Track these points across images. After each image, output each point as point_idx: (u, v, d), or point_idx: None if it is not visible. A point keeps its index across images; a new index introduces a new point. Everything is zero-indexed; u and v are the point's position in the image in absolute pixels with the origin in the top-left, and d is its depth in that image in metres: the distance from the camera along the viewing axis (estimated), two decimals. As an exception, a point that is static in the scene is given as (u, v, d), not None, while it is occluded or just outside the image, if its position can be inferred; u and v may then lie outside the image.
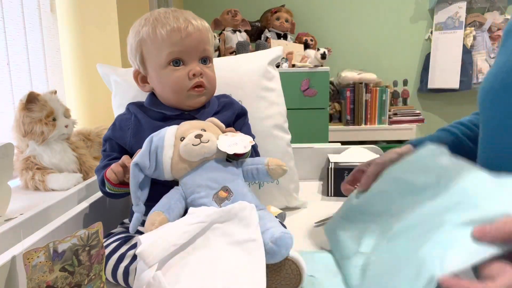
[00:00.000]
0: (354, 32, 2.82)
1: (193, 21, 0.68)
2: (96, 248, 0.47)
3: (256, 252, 0.49)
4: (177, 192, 0.59)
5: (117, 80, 0.87)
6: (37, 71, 1.36)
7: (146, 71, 0.72)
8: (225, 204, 0.56)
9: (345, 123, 2.65)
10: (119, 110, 0.83)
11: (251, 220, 0.52)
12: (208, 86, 0.71)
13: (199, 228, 0.51)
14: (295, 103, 2.12)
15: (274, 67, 0.92)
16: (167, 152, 0.59)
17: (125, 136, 0.70)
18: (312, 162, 1.16)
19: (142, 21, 0.69)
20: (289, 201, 0.91)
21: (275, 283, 0.53)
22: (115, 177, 0.64)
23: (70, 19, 1.56)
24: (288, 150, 0.91)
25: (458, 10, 2.67)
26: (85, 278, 0.46)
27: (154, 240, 0.49)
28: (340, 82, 2.67)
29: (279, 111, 0.90)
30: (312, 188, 1.09)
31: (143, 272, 0.48)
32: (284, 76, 1.10)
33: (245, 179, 0.62)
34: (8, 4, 1.21)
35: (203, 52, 0.70)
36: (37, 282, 0.41)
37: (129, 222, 0.65)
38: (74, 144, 1.05)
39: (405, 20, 2.80)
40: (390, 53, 2.82)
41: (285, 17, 2.37)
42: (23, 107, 0.95)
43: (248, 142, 0.62)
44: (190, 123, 0.63)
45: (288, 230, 0.53)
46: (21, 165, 0.99)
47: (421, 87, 2.83)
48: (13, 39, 1.23)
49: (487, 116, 0.65)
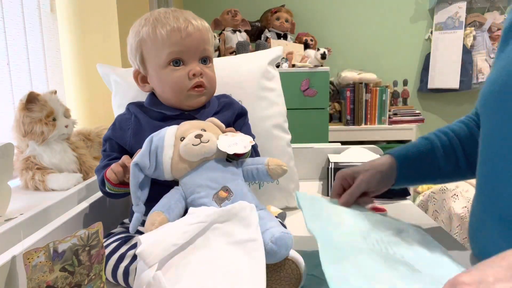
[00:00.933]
0: (354, 32, 2.82)
1: (193, 21, 0.68)
2: (96, 248, 0.47)
3: (256, 252, 0.49)
4: (177, 192, 0.59)
5: (117, 80, 0.87)
6: (37, 71, 1.36)
7: (146, 71, 0.72)
8: (225, 204, 0.56)
9: (345, 123, 2.65)
10: (119, 110, 0.83)
11: (251, 220, 0.52)
12: (208, 86, 0.71)
13: (199, 228, 0.51)
14: (295, 103, 2.12)
15: (274, 67, 0.92)
16: (167, 152, 0.59)
17: (125, 136, 0.70)
18: (312, 162, 1.16)
19: (142, 21, 0.69)
20: (289, 201, 0.91)
21: (275, 283, 0.53)
22: (115, 177, 0.64)
23: (70, 19, 1.56)
24: (288, 150, 0.91)
25: (458, 10, 2.67)
26: (85, 278, 0.46)
27: (154, 240, 0.49)
28: (340, 82, 2.67)
29: (279, 111, 0.90)
30: (312, 188, 1.09)
31: (143, 272, 0.48)
32: (284, 76, 1.10)
33: (245, 179, 0.62)
34: (8, 4, 1.21)
35: (203, 52, 0.70)
36: (37, 282, 0.41)
37: (129, 222, 0.65)
38: (74, 144, 1.05)
39: (405, 20, 2.80)
40: (390, 53, 2.82)
41: (285, 17, 2.37)
42: (23, 107, 0.95)
43: (248, 142, 0.62)
44: (190, 123, 0.63)
45: (288, 230, 0.53)
46: (21, 165, 0.98)
47: (421, 87, 2.83)
48: (13, 39, 1.23)
49: (488, 120, 0.65)
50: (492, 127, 0.63)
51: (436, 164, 0.74)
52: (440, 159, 0.74)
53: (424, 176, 0.76)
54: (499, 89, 0.60)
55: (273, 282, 0.53)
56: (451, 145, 0.74)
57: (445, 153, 0.74)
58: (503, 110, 0.59)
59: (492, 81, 0.63)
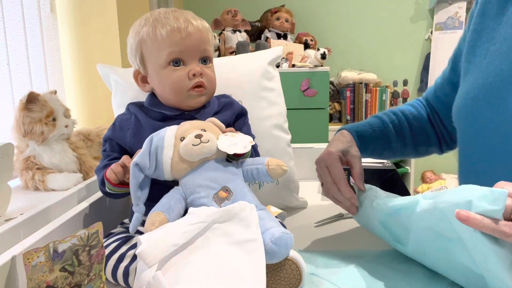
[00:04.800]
0: (354, 32, 2.82)
1: (193, 21, 0.68)
2: (96, 248, 0.47)
3: (256, 252, 0.49)
4: (177, 192, 0.59)
5: (117, 80, 0.87)
6: (37, 71, 1.36)
7: (146, 71, 0.72)
8: (225, 204, 0.56)
9: (345, 123, 2.65)
10: (119, 110, 0.83)
11: (251, 220, 0.52)
12: (208, 86, 0.71)
13: (199, 228, 0.51)
14: (295, 103, 2.12)
15: (274, 67, 0.92)
16: (167, 152, 0.59)
17: (125, 136, 0.70)
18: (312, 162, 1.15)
19: (142, 21, 0.69)
20: (289, 201, 0.91)
21: (275, 283, 0.53)
22: (115, 177, 0.64)
23: (70, 19, 1.56)
24: (288, 150, 0.91)
25: (458, 10, 2.67)
26: (85, 278, 0.46)
27: (154, 240, 0.49)
28: (340, 82, 2.67)
29: (279, 111, 0.90)
30: (312, 188, 1.09)
31: (143, 272, 0.48)
32: (284, 76, 1.10)
33: (245, 179, 0.62)
34: (8, 4, 1.21)
35: (203, 52, 0.70)
36: (37, 282, 0.41)
37: (129, 222, 0.65)
38: (74, 144, 1.05)
39: (405, 20, 2.80)
40: (390, 53, 2.82)
41: (285, 17, 2.37)
42: (23, 107, 0.95)
43: (248, 142, 0.62)
44: (190, 123, 0.63)
45: (288, 230, 0.53)
46: (21, 165, 0.98)
47: (421, 87, 2.83)
48: (13, 39, 1.23)
49: (462, 131, 0.67)
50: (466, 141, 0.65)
51: (387, 140, 0.78)
52: (390, 136, 0.78)
53: (376, 152, 0.80)
54: (470, 103, 0.62)
55: (273, 282, 0.53)
56: (399, 124, 0.80)
57: (395, 131, 0.79)
58: (475, 125, 0.61)
59: (463, 95, 0.65)
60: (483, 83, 0.60)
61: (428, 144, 0.83)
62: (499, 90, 0.57)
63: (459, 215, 0.44)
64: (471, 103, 0.62)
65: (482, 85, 0.60)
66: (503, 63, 0.58)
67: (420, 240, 0.55)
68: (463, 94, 0.65)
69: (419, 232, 0.55)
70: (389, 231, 0.61)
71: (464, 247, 0.47)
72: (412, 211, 0.54)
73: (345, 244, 0.73)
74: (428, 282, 0.56)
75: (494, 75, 0.59)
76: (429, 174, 2.82)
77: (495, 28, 0.62)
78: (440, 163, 2.79)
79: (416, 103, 0.85)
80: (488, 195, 0.44)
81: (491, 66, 0.60)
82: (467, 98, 0.64)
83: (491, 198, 0.44)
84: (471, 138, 0.64)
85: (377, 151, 0.80)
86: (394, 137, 0.79)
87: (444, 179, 2.76)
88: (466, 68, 0.67)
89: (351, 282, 0.57)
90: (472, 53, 0.66)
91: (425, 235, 0.54)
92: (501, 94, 0.57)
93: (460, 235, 0.47)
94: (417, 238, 0.55)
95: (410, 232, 0.56)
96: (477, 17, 0.66)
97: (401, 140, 0.80)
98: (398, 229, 0.59)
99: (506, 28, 0.60)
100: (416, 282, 0.56)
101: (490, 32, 0.63)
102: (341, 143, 0.72)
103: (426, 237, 0.54)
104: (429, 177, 2.80)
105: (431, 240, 0.53)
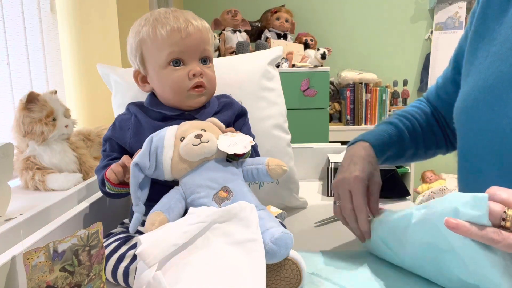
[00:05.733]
0: (354, 32, 2.81)
1: (193, 21, 0.68)
2: (96, 248, 0.47)
3: (256, 252, 0.49)
4: (177, 192, 0.59)
5: (117, 80, 0.87)
6: (37, 71, 1.36)
7: (146, 71, 0.72)
8: (225, 204, 0.56)
9: (345, 123, 2.65)
10: (119, 110, 0.83)
11: (251, 220, 0.52)
12: (208, 86, 0.71)
13: (199, 228, 0.51)
14: (295, 103, 2.12)
15: (274, 67, 0.92)
16: (167, 152, 0.59)
17: (125, 136, 0.70)
18: (312, 162, 1.16)
19: (142, 21, 0.69)
20: (289, 201, 0.91)
21: (275, 283, 0.53)
22: (115, 177, 0.64)
23: (70, 19, 1.56)
24: (288, 150, 0.90)
25: (458, 10, 2.67)
26: (85, 278, 0.46)
27: (154, 240, 0.49)
28: (340, 82, 2.67)
29: (279, 111, 0.90)
30: (312, 188, 1.09)
31: (143, 272, 0.48)
32: (284, 76, 1.10)
33: (245, 179, 0.62)
34: (8, 4, 1.21)
35: (203, 52, 0.70)
36: (37, 282, 0.41)
37: (129, 222, 0.65)
38: (74, 144, 1.05)
39: (405, 20, 2.80)
40: (390, 53, 2.82)
41: (285, 17, 2.37)
42: (23, 107, 0.95)
43: (248, 142, 0.62)
44: (190, 123, 0.63)
45: (288, 230, 0.53)
46: (21, 165, 0.98)
47: (421, 87, 2.83)
48: (13, 39, 1.23)
49: (462, 132, 0.67)
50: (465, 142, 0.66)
51: (402, 149, 0.78)
52: (405, 144, 0.78)
53: (387, 162, 0.79)
54: (471, 105, 0.62)
55: (273, 282, 0.53)
56: (413, 129, 0.79)
57: (410, 138, 0.78)
58: (475, 126, 0.61)
59: (464, 96, 0.65)
60: (483, 85, 0.60)
61: (437, 146, 0.82)
62: (499, 92, 0.57)
63: (448, 223, 0.44)
64: (471, 105, 0.62)
65: (482, 87, 0.60)
66: (503, 65, 0.58)
67: (416, 256, 0.55)
68: (464, 95, 0.65)
69: (415, 247, 0.54)
70: (389, 246, 0.61)
71: (457, 257, 0.47)
72: (408, 224, 0.54)
73: (345, 244, 0.73)
74: (428, 282, 0.56)
75: (494, 77, 0.59)
76: (429, 174, 2.82)
77: (496, 29, 0.62)
78: (440, 163, 2.79)
79: (421, 104, 0.84)
80: (470, 201, 0.44)
81: (491, 68, 0.60)
82: (467, 99, 0.63)
83: (473, 203, 0.44)
84: (471, 139, 0.64)
85: (390, 161, 0.78)
86: (409, 144, 0.78)
87: (444, 179, 2.76)
88: (467, 70, 0.67)
89: (351, 282, 0.57)
90: (473, 55, 0.66)
91: (420, 249, 0.53)
92: (501, 96, 0.57)
93: (452, 244, 0.47)
94: (413, 253, 0.55)
95: (406, 247, 0.56)
96: (478, 18, 0.66)
97: (414, 146, 0.79)
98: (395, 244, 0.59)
99: (506, 30, 0.60)
100: (416, 282, 0.57)
101: (491, 34, 0.63)
102: (368, 165, 0.67)
103: (421, 252, 0.53)
104: (429, 177, 2.80)
105: (426, 253, 0.53)
